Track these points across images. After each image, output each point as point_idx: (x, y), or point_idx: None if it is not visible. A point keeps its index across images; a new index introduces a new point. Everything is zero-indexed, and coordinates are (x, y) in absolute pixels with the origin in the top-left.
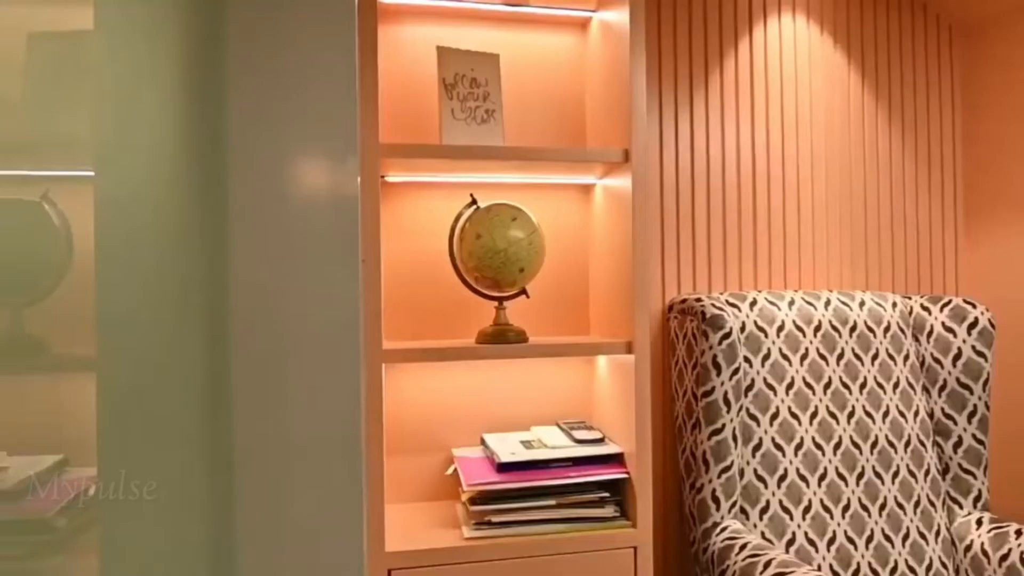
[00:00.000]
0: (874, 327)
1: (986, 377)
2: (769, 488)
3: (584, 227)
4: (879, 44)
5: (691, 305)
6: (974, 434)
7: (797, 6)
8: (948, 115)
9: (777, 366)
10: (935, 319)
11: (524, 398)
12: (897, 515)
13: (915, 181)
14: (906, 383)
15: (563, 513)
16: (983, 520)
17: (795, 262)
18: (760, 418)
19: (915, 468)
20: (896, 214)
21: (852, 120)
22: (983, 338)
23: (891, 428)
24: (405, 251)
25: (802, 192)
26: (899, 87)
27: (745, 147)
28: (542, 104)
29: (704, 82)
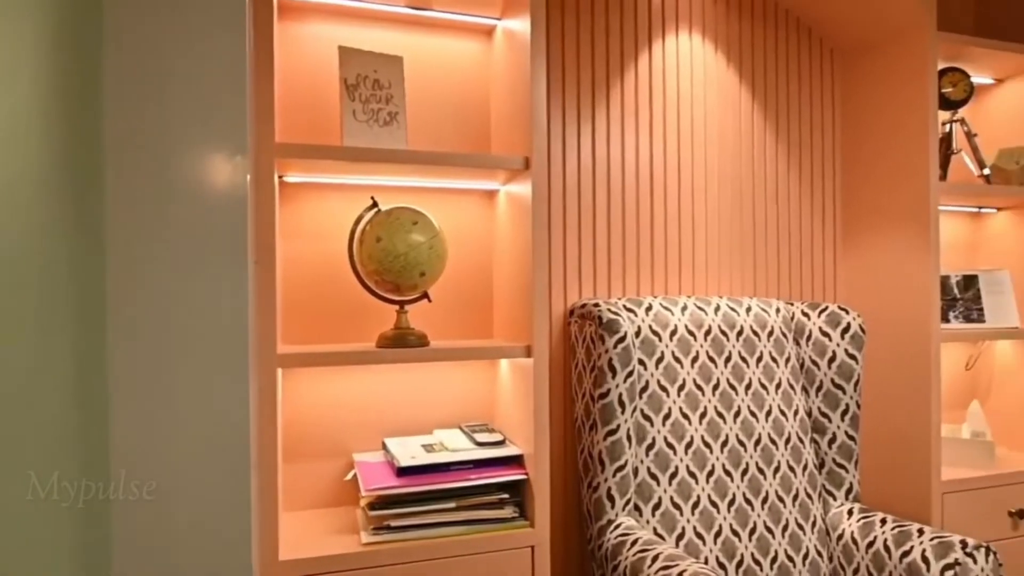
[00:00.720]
0: (759, 331)
1: (857, 378)
2: (661, 485)
3: (488, 232)
4: (768, 64)
5: (589, 310)
6: (846, 431)
7: (694, 24)
8: (829, 134)
9: (670, 368)
10: (813, 324)
11: (427, 402)
12: (778, 508)
13: (799, 196)
14: (787, 384)
15: (463, 515)
16: (853, 510)
17: (689, 270)
18: (654, 418)
19: (794, 463)
20: (781, 226)
21: (743, 136)
22: (855, 342)
23: (773, 426)
24: (305, 253)
25: (696, 204)
26: (786, 106)
27: (644, 158)
28: (448, 109)
29: (606, 93)
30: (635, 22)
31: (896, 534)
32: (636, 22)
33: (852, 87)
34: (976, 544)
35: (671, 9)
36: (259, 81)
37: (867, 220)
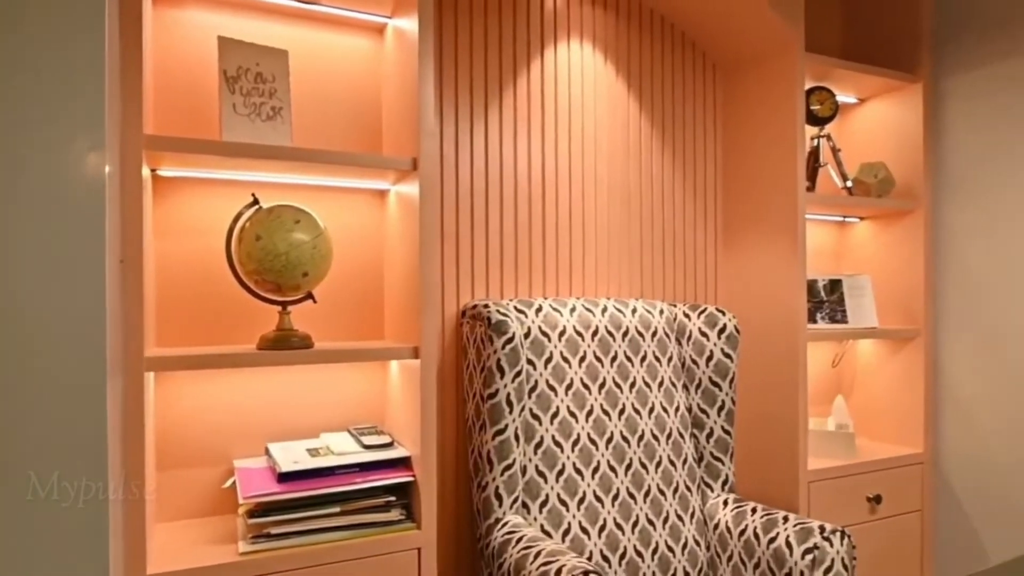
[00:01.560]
0: (644, 332)
1: (732, 375)
2: (548, 483)
3: (379, 232)
4: (655, 75)
5: (479, 311)
6: (723, 426)
7: (584, 33)
8: (711, 144)
9: (558, 368)
10: (694, 325)
11: (314, 405)
12: (659, 501)
13: (683, 202)
14: (669, 382)
15: (348, 520)
16: (728, 501)
17: (579, 272)
18: (542, 417)
19: (675, 458)
20: (667, 231)
21: (631, 144)
22: (730, 342)
23: (655, 423)
24: (182, 251)
25: (587, 208)
26: (671, 116)
27: (536, 162)
28: (338, 107)
29: (499, 97)
30: (527, 28)
31: (764, 522)
32: (529, 28)
33: (732, 100)
34: (833, 528)
35: (563, 18)
36: (126, 70)
37: (744, 226)
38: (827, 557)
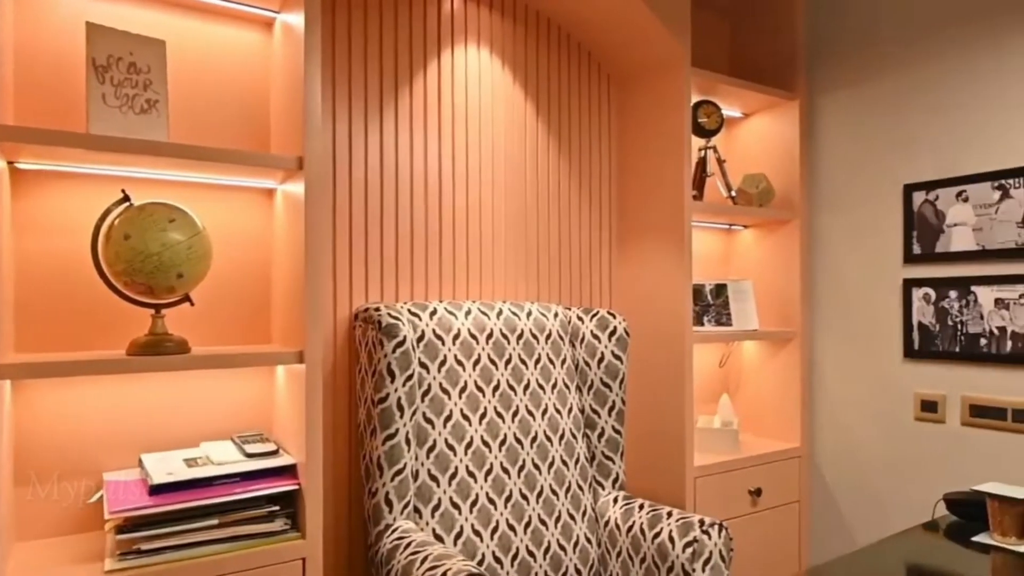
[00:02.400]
0: (538, 335)
1: (622, 376)
2: (441, 486)
3: (267, 232)
4: (552, 83)
5: (371, 314)
6: (613, 426)
7: (482, 39)
8: (606, 152)
9: (452, 371)
10: (586, 328)
11: (194, 413)
12: (551, 501)
13: (579, 208)
14: (562, 384)
15: (227, 532)
16: (618, 498)
17: (476, 275)
18: (435, 420)
19: (567, 458)
20: (563, 236)
21: (528, 149)
22: (620, 344)
23: (549, 424)
24: (44, 249)
25: (484, 212)
26: (567, 123)
27: (433, 164)
28: (225, 102)
29: (395, 98)
30: (424, 30)
31: (650, 517)
32: (426, 30)
33: (625, 111)
34: (711, 522)
35: (460, 22)
36: None
37: (637, 233)
38: (706, 549)
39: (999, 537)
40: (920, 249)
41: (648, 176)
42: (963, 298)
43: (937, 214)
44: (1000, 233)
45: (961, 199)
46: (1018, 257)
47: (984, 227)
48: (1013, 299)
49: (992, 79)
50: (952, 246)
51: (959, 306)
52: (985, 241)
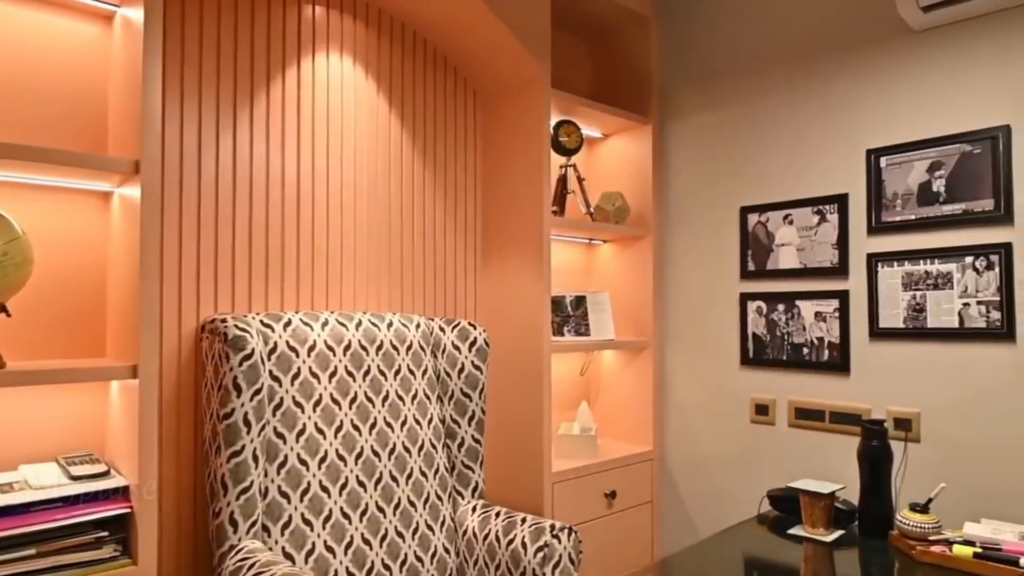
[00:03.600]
0: (399, 346)
1: (482, 386)
2: (292, 503)
3: (103, 238)
4: (418, 95)
5: (217, 326)
6: (473, 435)
7: (345, 48)
8: (472, 165)
9: (306, 384)
10: (448, 338)
11: (13, 433)
12: (409, 512)
13: (444, 220)
14: (423, 394)
15: (47, 562)
16: (477, 507)
17: (336, 285)
18: (287, 435)
19: (427, 469)
20: (428, 247)
21: (392, 160)
22: (480, 354)
23: (408, 435)
24: None
25: (345, 222)
26: (433, 136)
27: (291, 171)
28: (56, 98)
29: (249, 101)
30: (284, 34)
31: (505, 524)
32: (285, 35)
33: (490, 126)
34: (562, 526)
35: (322, 29)
36: None
37: (501, 245)
38: (556, 553)
39: (810, 529)
40: (754, 266)
41: (511, 190)
42: (789, 311)
43: (768, 235)
44: (819, 253)
45: (787, 222)
46: (832, 275)
47: (806, 247)
48: (829, 312)
49: (811, 116)
50: (780, 264)
51: (786, 318)
52: (807, 260)
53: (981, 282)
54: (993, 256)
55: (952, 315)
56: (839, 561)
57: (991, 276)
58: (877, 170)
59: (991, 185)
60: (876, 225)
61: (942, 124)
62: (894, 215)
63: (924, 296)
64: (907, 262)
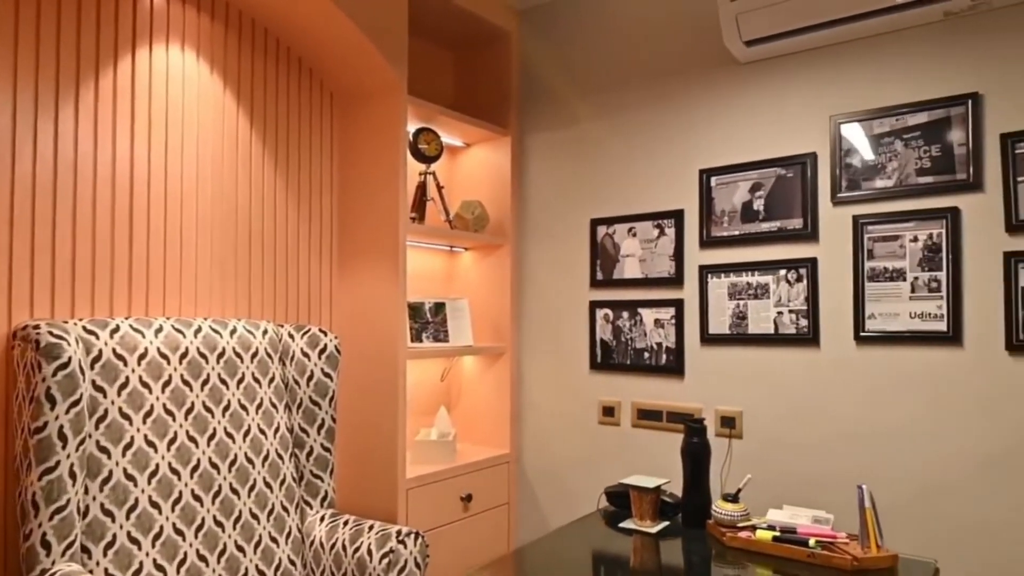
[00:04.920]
0: (242, 353)
1: (332, 394)
2: (117, 521)
3: None
4: (269, 94)
5: (29, 333)
6: (323, 444)
7: (187, 40)
8: (328, 170)
9: (136, 394)
10: (297, 345)
11: None
12: (251, 525)
13: (297, 224)
14: (269, 403)
15: None
16: (326, 517)
17: (175, 290)
18: (112, 449)
19: (272, 480)
20: (280, 252)
21: (240, 160)
22: (330, 361)
23: (251, 446)
24: None
25: (186, 223)
26: (286, 138)
27: (123, 169)
28: None
29: (75, 92)
30: (116, 23)
31: (352, 532)
32: (118, 22)
33: (348, 130)
34: (408, 532)
35: (161, 20)
36: None
37: (357, 250)
38: (401, 558)
39: (638, 521)
40: (602, 275)
41: (368, 196)
42: (632, 318)
43: (614, 246)
44: (658, 264)
45: (631, 234)
46: (670, 285)
47: (647, 259)
48: (667, 319)
49: (652, 136)
50: (625, 274)
51: (629, 325)
52: (648, 270)
53: (792, 293)
54: (802, 269)
55: (769, 322)
56: (663, 550)
57: (800, 287)
58: (708, 189)
59: (800, 206)
60: (707, 239)
61: (762, 149)
62: (722, 230)
63: (746, 305)
64: (732, 274)
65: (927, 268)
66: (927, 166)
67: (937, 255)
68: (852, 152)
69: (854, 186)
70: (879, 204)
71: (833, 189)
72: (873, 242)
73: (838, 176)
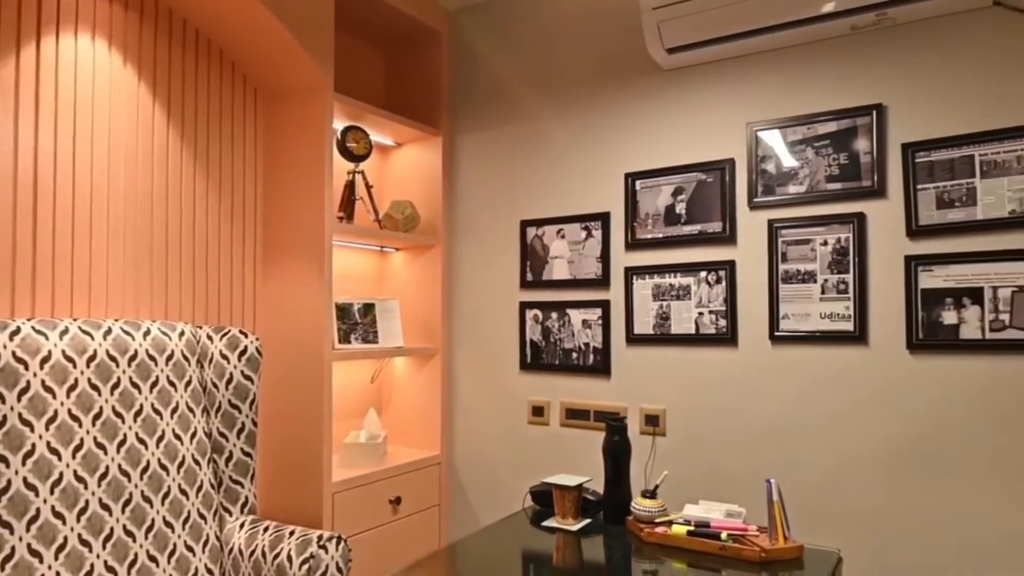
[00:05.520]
0: (157, 356)
1: (253, 397)
2: (16, 533)
3: None
4: (188, 88)
5: None
6: (243, 448)
7: (98, 29)
8: (252, 168)
9: (37, 399)
10: (216, 347)
11: None
12: (165, 534)
13: (219, 223)
14: (186, 407)
15: None
16: (246, 523)
17: (84, 291)
18: (10, 458)
19: (188, 487)
20: (199, 252)
21: (156, 156)
22: (251, 364)
23: (165, 452)
24: None
25: (96, 219)
26: (207, 133)
27: (26, 163)
28: None
29: None
30: (19, 9)
31: (272, 539)
32: (21, 10)
33: (273, 127)
34: (330, 536)
35: (69, 7)
36: None
37: (282, 251)
38: (322, 564)
39: (560, 520)
40: (531, 276)
41: (293, 194)
42: (561, 319)
43: (544, 247)
44: (586, 266)
45: (560, 236)
46: (596, 286)
47: (575, 260)
48: (594, 320)
49: (581, 139)
50: (554, 275)
51: (558, 325)
52: (576, 272)
53: (712, 294)
54: (721, 271)
55: (690, 323)
56: (585, 547)
57: (719, 289)
58: (633, 192)
59: (720, 210)
60: (632, 241)
61: (684, 154)
62: (646, 233)
63: (669, 306)
64: (656, 275)
65: (836, 271)
66: (836, 173)
67: (845, 258)
68: (768, 158)
69: (769, 191)
70: (792, 209)
71: (750, 194)
72: (787, 245)
73: (755, 181)
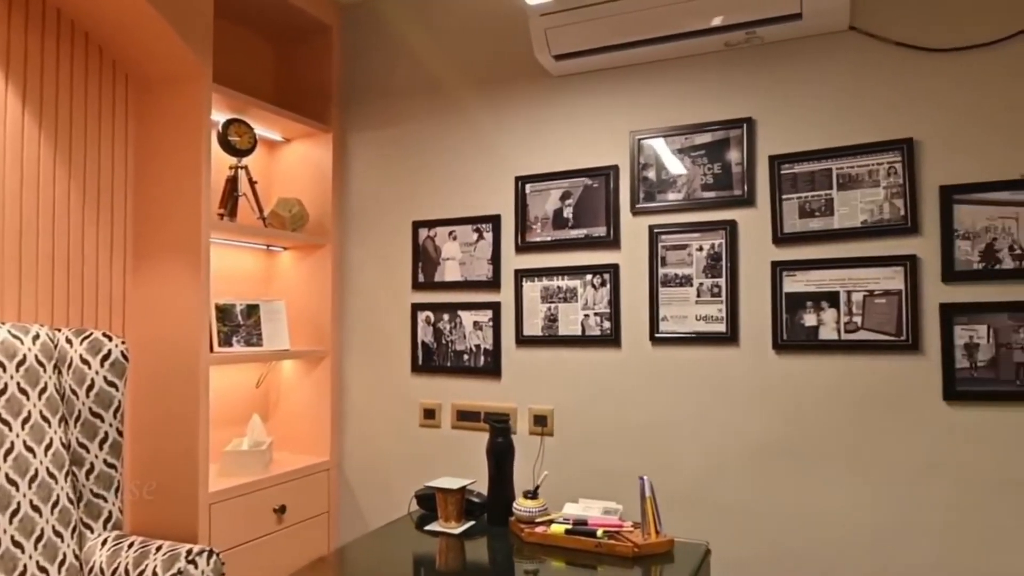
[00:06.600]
0: (6, 361)
1: (117, 404)
2: None
3: None
4: (47, 74)
5: None
6: (106, 459)
7: None
8: (121, 161)
9: None
10: (75, 351)
11: None
12: (13, 555)
13: (83, 219)
14: (40, 417)
15: None
16: (108, 540)
17: None
18: None
19: (41, 503)
20: (60, 250)
21: (9, 147)
22: (115, 369)
23: (14, 466)
24: None
25: None
26: (69, 122)
27: None
28: None
29: None
30: None
31: (137, 555)
32: None
33: (146, 119)
34: (200, 550)
35: None
36: None
37: (156, 249)
38: None
39: (443, 523)
40: (423, 278)
41: (167, 189)
42: (452, 321)
43: (436, 248)
44: (477, 267)
45: (452, 237)
46: (487, 288)
47: (467, 262)
48: (484, 322)
49: (473, 141)
50: (446, 276)
51: (450, 327)
52: (467, 273)
53: (597, 296)
54: (606, 275)
55: (577, 324)
56: (468, 550)
57: (604, 292)
58: (523, 195)
59: (605, 215)
60: (522, 244)
61: (572, 159)
62: (535, 236)
63: (557, 308)
64: (545, 278)
65: (710, 275)
66: (710, 182)
67: (718, 263)
68: (649, 166)
69: (650, 198)
70: (671, 215)
71: (632, 200)
72: (666, 250)
73: (637, 188)
